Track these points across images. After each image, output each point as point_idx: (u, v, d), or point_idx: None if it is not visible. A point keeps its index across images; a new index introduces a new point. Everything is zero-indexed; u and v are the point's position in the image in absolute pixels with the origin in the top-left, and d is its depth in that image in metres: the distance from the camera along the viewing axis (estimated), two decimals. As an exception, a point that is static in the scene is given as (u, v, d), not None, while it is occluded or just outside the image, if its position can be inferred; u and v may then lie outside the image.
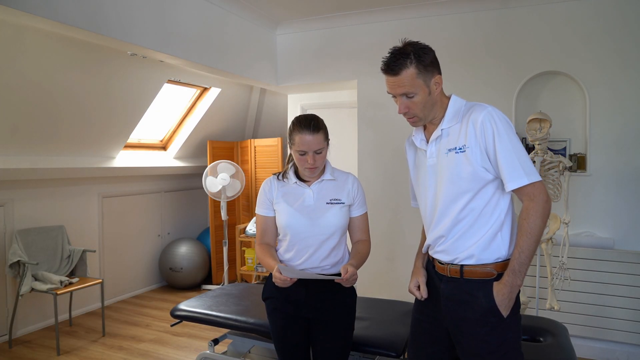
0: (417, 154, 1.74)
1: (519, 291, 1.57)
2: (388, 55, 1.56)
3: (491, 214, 1.54)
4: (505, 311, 1.50)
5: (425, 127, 1.70)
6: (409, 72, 1.52)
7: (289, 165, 2.06)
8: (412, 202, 1.89)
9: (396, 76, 1.54)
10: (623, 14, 3.29)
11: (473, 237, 1.55)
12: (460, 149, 1.53)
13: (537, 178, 1.48)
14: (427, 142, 1.66)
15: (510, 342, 1.54)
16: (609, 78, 3.33)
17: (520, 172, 1.46)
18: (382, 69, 1.58)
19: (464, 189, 1.54)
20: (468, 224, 1.55)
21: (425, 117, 1.61)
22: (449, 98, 1.63)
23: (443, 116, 1.61)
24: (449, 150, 1.56)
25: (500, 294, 1.49)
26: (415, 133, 1.71)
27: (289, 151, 2.03)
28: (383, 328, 2.40)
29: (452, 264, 1.59)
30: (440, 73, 1.59)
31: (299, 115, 1.96)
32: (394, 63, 1.53)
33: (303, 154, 1.89)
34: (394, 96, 1.60)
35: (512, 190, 1.50)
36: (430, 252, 1.72)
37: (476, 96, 3.53)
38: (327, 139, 1.95)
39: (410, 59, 1.52)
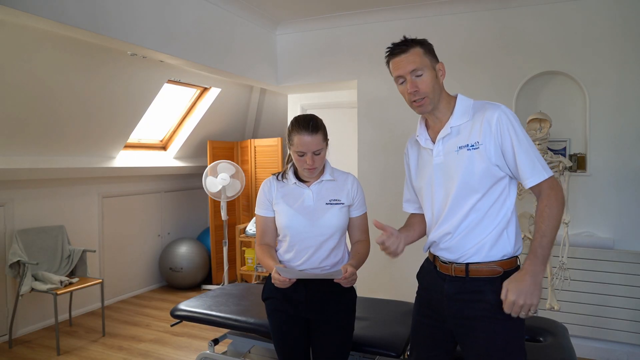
0: (420, 153, 1.72)
1: None
2: (391, 45, 1.62)
3: (498, 212, 1.55)
4: (533, 299, 1.42)
5: (428, 127, 1.69)
6: (417, 50, 1.58)
7: (289, 166, 2.05)
8: (404, 206, 1.89)
9: (405, 53, 1.58)
10: (623, 14, 3.28)
11: (480, 234, 1.55)
12: (473, 146, 1.54)
13: (552, 172, 1.53)
14: (433, 141, 1.65)
15: (517, 341, 1.54)
16: (609, 78, 3.33)
17: (539, 168, 1.50)
18: (389, 54, 1.62)
19: (476, 186, 1.54)
20: (476, 221, 1.55)
21: (433, 100, 1.60)
22: (455, 97, 1.64)
23: (451, 114, 1.61)
24: (460, 147, 1.56)
25: (523, 284, 1.42)
26: (419, 132, 1.71)
27: (288, 151, 2.03)
28: (383, 328, 2.40)
29: (456, 262, 1.58)
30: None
31: (298, 116, 1.95)
32: (402, 44, 1.60)
33: (302, 154, 1.89)
34: (402, 82, 1.60)
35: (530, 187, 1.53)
36: (432, 250, 1.70)
37: (476, 96, 3.50)
38: (326, 139, 1.95)
39: (416, 41, 1.60)
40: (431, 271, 1.70)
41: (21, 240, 3.76)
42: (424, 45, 1.60)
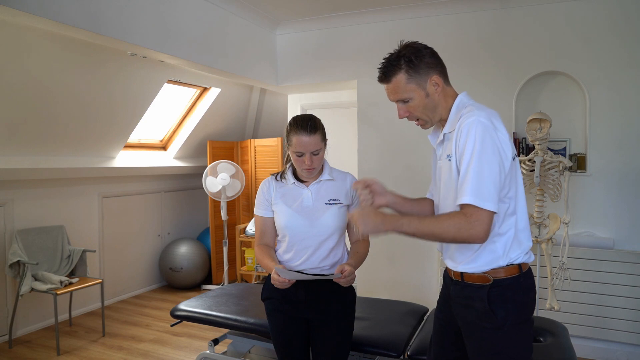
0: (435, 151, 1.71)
1: (529, 302, 1.52)
2: (382, 62, 1.57)
3: None
4: (365, 228, 1.47)
5: (442, 126, 1.65)
6: (399, 78, 1.52)
7: (287, 166, 2.05)
8: (428, 193, 1.84)
9: (388, 84, 1.55)
10: (623, 13, 3.28)
11: (467, 247, 1.51)
12: (450, 156, 1.50)
13: (487, 206, 1.35)
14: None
15: (509, 352, 1.48)
16: (609, 78, 3.33)
17: (468, 189, 1.37)
18: (377, 78, 1.59)
19: (453, 197, 1.49)
20: None
21: (431, 118, 1.58)
22: (455, 97, 1.59)
23: (447, 118, 1.58)
24: (447, 156, 1.53)
25: (372, 218, 1.47)
26: (432, 131, 1.69)
27: (287, 151, 2.03)
28: (383, 328, 2.40)
29: (454, 269, 1.59)
30: (439, 73, 1.54)
31: (296, 116, 1.95)
32: (384, 71, 1.55)
33: (300, 155, 1.89)
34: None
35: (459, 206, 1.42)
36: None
37: (476, 96, 3.49)
38: (324, 139, 1.95)
39: (400, 65, 1.52)
40: (445, 273, 1.72)
41: (21, 240, 3.76)
42: (411, 66, 1.50)
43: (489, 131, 1.40)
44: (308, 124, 1.88)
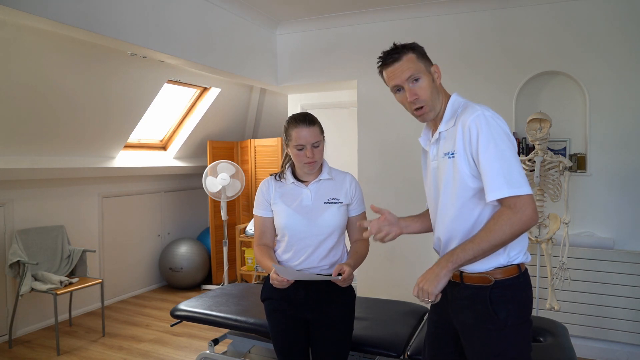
0: (426, 154, 1.70)
1: (527, 302, 1.51)
2: (382, 54, 1.57)
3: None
4: (429, 286, 1.45)
5: (434, 127, 1.65)
6: (410, 56, 1.53)
7: (286, 166, 2.06)
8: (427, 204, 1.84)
9: (398, 62, 1.53)
10: (623, 13, 3.28)
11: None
12: (452, 154, 1.49)
13: (524, 191, 1.37)
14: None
15: (510, 353, 1.47)
16: (609, 78, 3.33)
17: (501, 182, 1.37)
18: (381, 64, 1.58)
19: (456, 196, 1.50)
20: (463, 232, 1.51)
21: (434, 105, 1.56)
22: (449, 97, 1.59)
23: (442, 117, 1.57)
24: (445, 154, 1.53)
25: (428, 271, 1.46)
26: (423, 133, 1.69)
27: (285, 151, 2.04)
28: (383, 328, 2.40)
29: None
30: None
31: (292, 114, 1.99)
32: (393, 52, 1.55)
33: (301, 148, 1.90)
34: (399, 90, 1.56)
35: (497, 201, 1.40)
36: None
37: (476, 96, 3.53)
38: (322, 133, 1.96)
39: (408, 47, 1.55)
40: None
41: (21, 240, 3.76)
42: (416, 50, 1.55)
43: (495, 121, 1.43)
44: (306, 117, 1.92)
